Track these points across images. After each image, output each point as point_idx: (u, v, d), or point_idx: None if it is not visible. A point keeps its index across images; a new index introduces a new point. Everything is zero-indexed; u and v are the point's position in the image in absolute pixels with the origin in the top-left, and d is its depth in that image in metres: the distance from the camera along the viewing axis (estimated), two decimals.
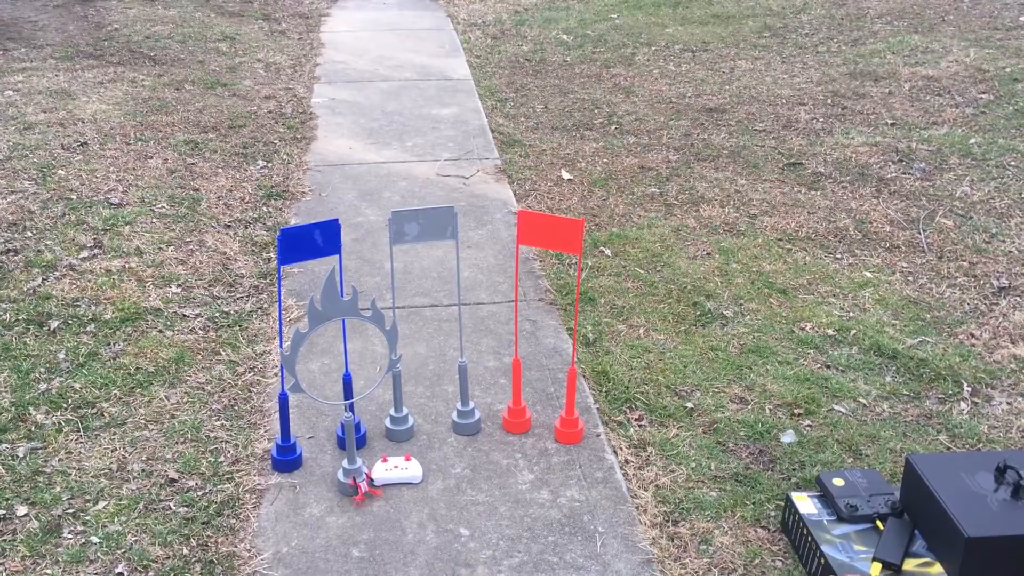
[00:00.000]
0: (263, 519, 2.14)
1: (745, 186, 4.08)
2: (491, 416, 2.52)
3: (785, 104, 5.15)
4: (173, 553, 2.03)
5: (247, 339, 2.86)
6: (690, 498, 2.22)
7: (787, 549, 2.07)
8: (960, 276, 3.30)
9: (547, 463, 2.34)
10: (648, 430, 2.47)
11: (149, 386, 2.62)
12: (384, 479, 2.24)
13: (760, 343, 2.87)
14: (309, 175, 4.16)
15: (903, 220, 3.74)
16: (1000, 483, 1.91)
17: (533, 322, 2.99)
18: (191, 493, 2.21)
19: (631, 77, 5.76)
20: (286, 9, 7.57)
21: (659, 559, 2.03)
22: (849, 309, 3.09)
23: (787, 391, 2.63)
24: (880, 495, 2.05)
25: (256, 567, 2.00)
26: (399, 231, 2.25)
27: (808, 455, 2.37)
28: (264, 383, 2.66)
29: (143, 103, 4.99)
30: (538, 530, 2.11)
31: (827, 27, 6.64)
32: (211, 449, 2.37)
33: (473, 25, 7.21)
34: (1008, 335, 2.94)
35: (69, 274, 3.20)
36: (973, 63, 5.53)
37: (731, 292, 3.18)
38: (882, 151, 4.41)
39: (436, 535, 2.09)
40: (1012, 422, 2.52)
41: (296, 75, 5.72)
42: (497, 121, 4.95)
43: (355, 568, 2.00)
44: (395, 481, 2.24)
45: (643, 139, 4.68)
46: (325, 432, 2.44)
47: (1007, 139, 4.47)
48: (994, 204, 3.84)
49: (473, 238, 3.58)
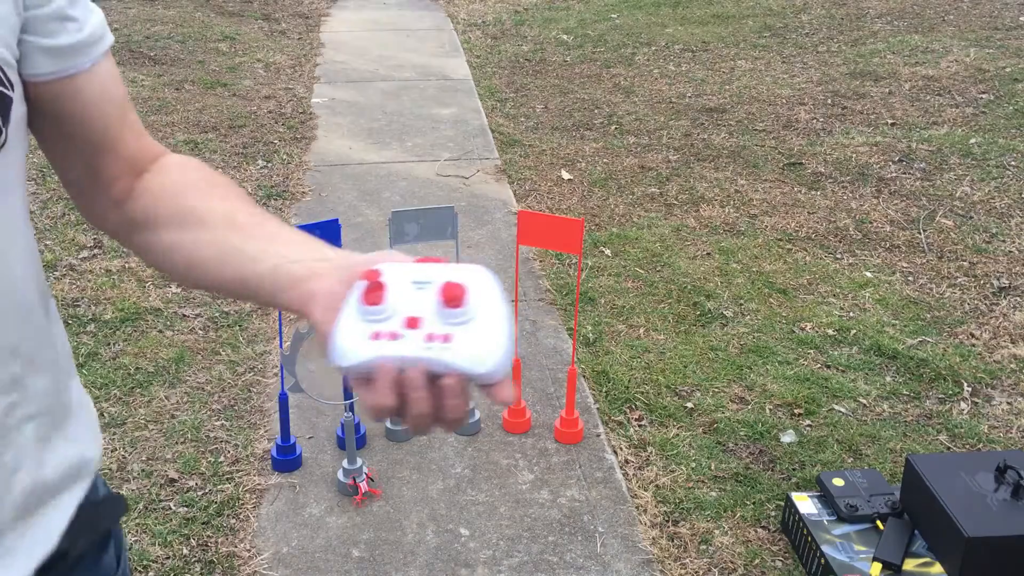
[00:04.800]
0: (263, 519, 2.14)
1: (745, 186, 4.08)
2: (491, 416, 2.52)
3: (785, 104, 5.15)
4: (173, 553, 2.03)
5: (247, 339, 2.86)
6: (690, 498, 2.22)
7: (787, 549, 2.07)
8: (960, 276, 3.30)
9: (547, 463, 2.34)
10: (648, 430, 2.47)
11: (149, 386, 2.62)
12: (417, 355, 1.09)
13: (760, 343, 2.87)
14: (309, 175, 4.16)
15: (903, 220, 3.74)
16: (1000, 483, 1.91)
17: (533, 322, 2.99)
18: (191, 493, 2.21)
19: (631, 77, 5.76)
20: (286, 9, 7.57)
21: (659, 559, 2.03)
22: (849, 309, 3.09)
23: (787, 391, 2.63)
24: (880, 495, 2.05)
25: (256, 567, 2.00)
26: (399, 231, 2.25)
27: (808, 455, 2.37)
28: (264, 383, 2.66)
29: (143, 103, 4.99)
30: (538, 530, 2.11)
31: (827, 27, 6.64)
32: (211, 449, 2.37)
33: (473, 25, 7.21)
34: (1008, 335, 2.94)
35: (69, 274, 3.20)
36: (973, 63, 5.53)
37: (731, 292, 3.18)
38: (882, 151, 4.41)
39: (436, 535, 2.09)
40: (1012, 422, 2.52)
41: (296, 75, 5.72)
42: (497, 121, 4.95)
43: (355, 568, 2.00)
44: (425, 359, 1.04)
45: (643, 139, 4.69)
46: (325, 432, 2.44)
47: (1007, 139, 4.47)
48: (994, 204, 3.84)
49: (473, 238, 3.58)
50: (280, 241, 0.75)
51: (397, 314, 0.62)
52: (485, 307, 0.61)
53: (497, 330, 0.60)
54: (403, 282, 0.63)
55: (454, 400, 0.60)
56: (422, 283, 0.63)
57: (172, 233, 0.78)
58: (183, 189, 0.81)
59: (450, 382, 0.60)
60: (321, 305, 0.67)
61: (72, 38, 0.72)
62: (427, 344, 0.60)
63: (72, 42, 0.72)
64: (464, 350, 0.59)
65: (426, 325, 0.61)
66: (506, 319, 0.61)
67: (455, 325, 0.60)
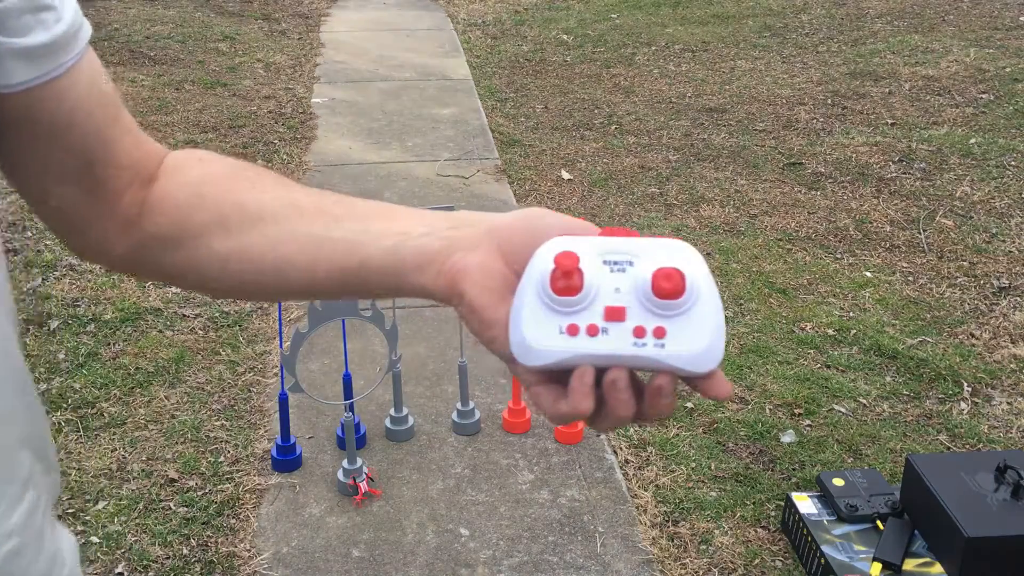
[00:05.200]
0: (263, 519, 2.14)
1: (745, 186, 4.08)
2: (491, 416, 2.52)
3: (785, 104, 5.15)
4: (173, 553, 2.03)
5: (247, 339, 2.86)
6: (690, 498, 2.22)
7: (787, 549, 2.07)
8: (960, 276, 3.30)
9: (547, 463, 2.34)
10: (648, 430, 2.47)
11: (149, 386, 2.62)
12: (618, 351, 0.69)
13: (760, 343, 2.87)
14: (309, 175, 4.16)
15: (903, 220, 3.74)
16: (1000, 483, 1.91)
17: None
18: (191, 493, 2.21)
19: (631, 77, 5.76)
20: (286, 9, 7.57)
21: (659, 559, 2.03)
22: (849, 309, 3.09)
23: (787, 391, 2.63)
24: (880, 495, 2.05)
25: (256, 567, 2.00)
26: None
27: (808, 455, 2.37)
28: (264, 383, 2.66)
29: (143, 103, 4.98)
30: (538, 530, 2.11)
31: (827, 27, 6.64)
32: (211, 449, 2.37)
33: (473, 25, 7.21)
34: (1008, 335, 2.93)
35: (69, 274, 3.20)
36: (973, 63, 5.53)
37: (731, 292, 3.18)
38: (882, 151, 4.41)
39: (436, 535, 2.09)
40: (1012, 422, 2.52)
41: (296, 75, 5.72)
42: (497, 121, 4.95)
43: (355, 568, 2.00)
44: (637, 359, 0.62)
45: (643, 139, 4.68)
46: (325, 432, 2.44)
47: (1007, 139, 4.47)
48: (994, 204, 3.84)
49: None
50: (379, 216, 0.61)
51: (595, 303, 0.52)
52: (698, 294, 0.52)
53: (714, 320, 0.52)
54: (596, 263, 0.53)
55: (666, 400, 0.51)
56: (619, 264, 0.53)
57: (223, 240, 0.63)
58: (216, 185, 0.66)
59: (662, 383, 0.51)
60: (477, 283, 0.55)
61: (51, 33, 0.57)
62: (637, 340, 0.51)
63: (52, 38, 0.57)
64: (681, 347, 0.51)
65: (632, 316, 0.51)
66: (720, 306, 0.53)
67: (668, 317, 0.51)
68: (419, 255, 0.57)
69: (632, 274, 0.52)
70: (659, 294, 0.51)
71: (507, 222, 0.57)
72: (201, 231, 0.64)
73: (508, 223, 0.57)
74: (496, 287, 0.55)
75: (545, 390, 0.53)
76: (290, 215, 0.62)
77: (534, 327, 0.52)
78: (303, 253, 0.61)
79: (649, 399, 0.52)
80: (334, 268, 0.60)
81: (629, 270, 0.52)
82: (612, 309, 0.51)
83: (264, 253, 0.62)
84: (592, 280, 0.52)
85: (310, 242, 0.61)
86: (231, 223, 0.63)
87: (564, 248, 0.53)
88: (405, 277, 0.58)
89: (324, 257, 0.60)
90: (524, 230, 0.56)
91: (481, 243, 0.56)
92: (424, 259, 0.57)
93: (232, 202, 0.64)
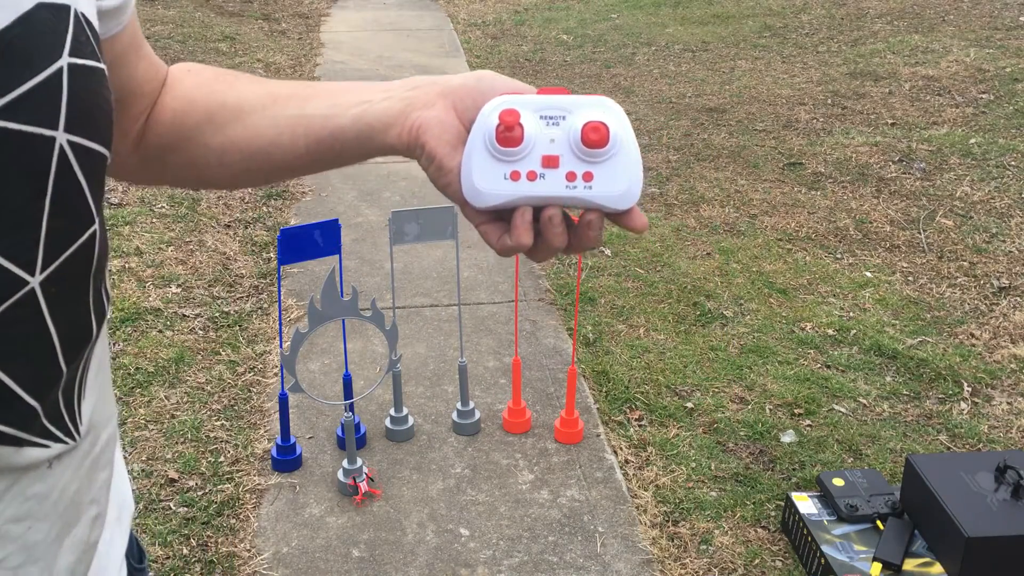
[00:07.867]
0: (263, 519, 2.14)
1: (745, 186, 4.08)
2: (491, 416, 2.52)
3: (785, 104, 5.15)
4: (173, 553, 2.03)
5: (247, 339, 2.86)
6: (690, 498, 2.22)
7: (787, 549, 2.07)
8: (960, 276, 3.30)
9: (547, 463, 2.34)
10: (648, 430, 2.47)
11: (149, 386, 2.62)
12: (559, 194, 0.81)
13: (760, 343, 2.87)
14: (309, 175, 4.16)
15: (903, 220, 3.74)
16: (1000, 483, 1.91)
17: (533, 322, 2.99)
18: (191, 493, 2.21)
19: (631, 77, 5.76)
20: (286, 9, 7.57)
21: (659, 559, 2.03)
22: (849, 309, 3.09)
23: (787, 391, 2.63)
24: (880, 495, 2.05)
25: (256, 567, 2.00)
26: (399, 231, 2.25)
27: (808, 455, 2.37)
28: (264, 383, 2.66)
29: None
30: (538, 530, 2.11)
31: (827, 27, 6.64)
32: (211, 449, 2.37)
33: (473, 25, 7.21)
34: (1008, 335, 2.94)
35: None
36: (973, 63, 5.53)
37: (731, 292, 3.18)
38: (882, 151, 4.41)
39: (436, 535, 2.09)
40: (1012, 422, 2.52)
41: (296, 75, 5.72)
42: None
43: (355, 568, 2.00)
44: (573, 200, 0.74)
45: (643, 139, 4.68)
46: (325, 432, 2.44)
47: (1007, 139, 4.47)
48: (994, 204, 3.84)
49: (473, 238, 3.57)
50: (344, 91, 0.68)
51: (534, 153, 0.60)
52: (620, 144, 0.60)
53: (633, 166, 0.60)
54: (534, 118, 0.61)
55: (594, 233, 0.61)
56: (553, 118, 0.61)
57: (213, 135, 0.71)
58: (201, 88, 0.73)
59: (591, 218, 0.60)
60: (435, 136, 0.62)
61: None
62: (569, 183, 0.60)
63: (123, 1, 0.63)
64: (606, 189, 0.60)
65: (564, 163, 0.60)
66: (639, 154, 0.61)
67: (595, 164, 0.60)
68: (383, 117, 0.64)
69: (565, 127, 0.60)
70: (587, 144, 0.59)
71: (459, 82, 0.64)
72: (193, 132, 0.72)
73: (460, 83, 0.64)
74: (451, 139, 0.62)
75: (492, 228, 0.62)
76: (267, 103, 0.70)
77: (482, 174, 0.60)
78: (284, 134, 0.69)
79: (580, 231, 0.61)
80: (311, 141, 0.68)
81: (562, 124, 0.60)
82: (548, 157, 0.60)
83: (251, 140, 0.70)
84: (531, 133, 0.60)
85: (287, 122, 0.68)
86: (218, 120, 0.71)
87: (507, 105, 0.61)
88: (372, 139, 0.65)
89: (301, 133, 0.68)
90: (474, 89, 0.63)
91: (437, 101, 0.63)
92: (388, 120, 0.64)
93: (217, 102, 0.72)
